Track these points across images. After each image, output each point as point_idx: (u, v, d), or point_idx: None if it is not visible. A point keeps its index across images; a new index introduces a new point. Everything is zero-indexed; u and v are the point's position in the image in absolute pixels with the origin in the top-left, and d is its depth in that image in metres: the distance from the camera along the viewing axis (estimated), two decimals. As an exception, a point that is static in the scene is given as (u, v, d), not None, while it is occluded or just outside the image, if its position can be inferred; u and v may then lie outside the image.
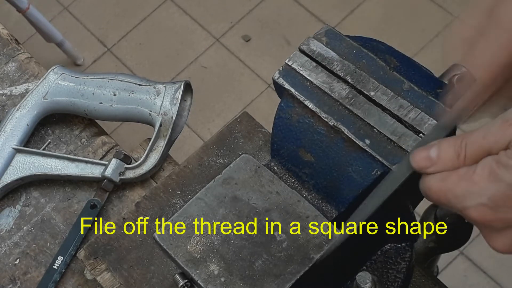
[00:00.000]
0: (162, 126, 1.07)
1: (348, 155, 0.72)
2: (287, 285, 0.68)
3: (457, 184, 0.58)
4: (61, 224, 1.07)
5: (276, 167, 0.77)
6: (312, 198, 0.75)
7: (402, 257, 0.82)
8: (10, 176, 1.08)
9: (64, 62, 2.38)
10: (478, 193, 0.57)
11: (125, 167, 1.06)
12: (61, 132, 1.15)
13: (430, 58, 2.16)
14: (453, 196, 0.59)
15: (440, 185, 0.60)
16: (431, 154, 0.60)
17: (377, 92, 0.73)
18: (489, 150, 0.57)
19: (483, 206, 0.57)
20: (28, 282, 1.03)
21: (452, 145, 0.59)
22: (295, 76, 0.76)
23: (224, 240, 0.71)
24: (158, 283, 0.95)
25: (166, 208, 1.01)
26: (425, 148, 0.61)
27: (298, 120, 0.75)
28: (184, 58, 2.39)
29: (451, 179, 0.59)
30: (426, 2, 2.33)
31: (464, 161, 0.59)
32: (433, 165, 0.60)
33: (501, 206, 0.56)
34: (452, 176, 0.59)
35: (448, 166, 0.59)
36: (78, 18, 2.55)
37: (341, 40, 0.77)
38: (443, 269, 1.88)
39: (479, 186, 0.57)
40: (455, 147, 0.59)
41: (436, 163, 0.60)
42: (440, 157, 0.60)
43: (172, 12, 2.49)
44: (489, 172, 0.57)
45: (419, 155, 0.61)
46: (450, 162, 0.59)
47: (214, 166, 1.02)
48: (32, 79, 1.20)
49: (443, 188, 0.59)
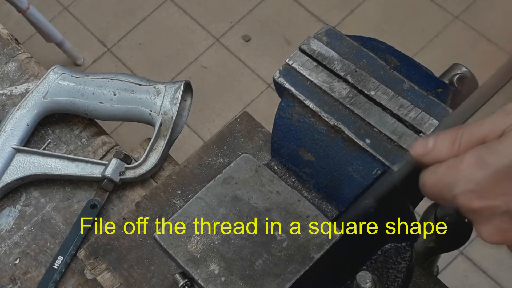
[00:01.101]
0: (162, 126, 1.07)
1: (348, 155, 0.72)
2: (287, 284, 0.68)
3: (446, 173, 0.59)
4: (61, 224, 1.07)
5: (277, 166, 0.77)
6: (313, 198, 0.75)
7: (402, 257, 0.82)
8: (10, 176, 1.08)
9: (64, 62, 2.38)
10: (465, 180, 0.57)
11: (125, 167, 1.06)
12: (61, 132, 1.15)
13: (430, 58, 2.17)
14: (443, 186, 0.59)
15: (432, 177, 0.60)
16: (429, 142, 0.61)
17: (378, 91, 0.73)
18: (484, 138, 0.58)
19: (471, 192, 0.57)
20: (28, 282, 1.03)
21: (449, 134, 0.60)
22: (295, 75, 0.76)
23: (224, 240, 0.71)
24: (158, 282, 0.95)
25: (166, 208, 1.01)
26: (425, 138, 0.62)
27: (298, 119, 0.75)
28: (184, 58, 2.39)
29: (441, 169, 0.59)
30: (426, 2, 2.33)
31: (458, 150, 0.59)
32: (429, 152, 0.60)
33: (488, 192, 0.56)
34: (442, 166, 0.59)
35: (443, 154, 0.59)
36: (78, 18, 2.54)
37: (341, 40, 0.77)
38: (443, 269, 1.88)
39: (466, 173, 0.57)
40: (451, 136, 0.60)
41: (432, 150, 0.60)
42: (436, 145, 0.60)
43: (172, 12, 2.49)
44: (477, 158, 0.56)
45: (418, 143, 0.62)
46: (445, 150, 0.59)
47: (214, 166, 1.02)
48: (32, 79, 1.20)
49: (434, 180, 0.60)
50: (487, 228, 0.58)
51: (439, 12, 2.30)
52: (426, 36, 2.26)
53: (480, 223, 0.59)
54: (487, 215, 0.58)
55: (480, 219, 0.58)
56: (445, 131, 0.61)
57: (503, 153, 0.55)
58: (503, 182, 0.56)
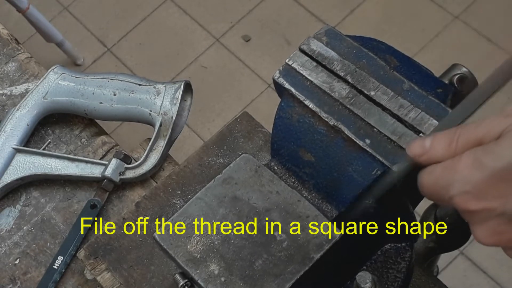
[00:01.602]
0: (162, 126, 1.07)
1: (348, 155, 0.72)
2: (287, 284, 0.68)
3: (442, 174, 0.58)
4: (61, 224, 1.07)
5: (276, 166, 0.77)
6: (312, 198, 0.75)
7: (402, 257, 0.82)
8: (10, 176, 1.08)
9: (64, 62, 2.38)
10: (462, 181, 0.57)
11: (125, 167, 1.06)
12: (61, 132, 1.15)
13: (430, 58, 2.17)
14: (440, 187, 0.59)
15: (429, 177, 0.60)
16: (426, 142, 0.61)
17: (377, 91, 0.73)
18: (481, 140, 0.57)
19: (467, 193, 0.57)
20: (28, 282, 1.03)
21: (446, 135, 0.60)
22: (295, 75, 0.76)
23: (224, 240, 0.71)
24: (158, 283, 0.95)
25: (166, 208, 1.01)
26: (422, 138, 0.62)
27: (298, 119, 0.75)
28: (184, 58, 2.39)
29: (437, 170, 0.59)
30: (426, 2, 2.33)
31: (455, 150, 0.58)
32: (426, 153, 0.60)
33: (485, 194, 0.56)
34: (439, 167, 0.59)
35: (440, 154, 0.59)
36: (78, 18, 2.54)
37: (341, 40, 0.77)
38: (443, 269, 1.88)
39: (462, 174, 0.57)
40: (448, 137, 0.59)
41: (429, 151, 0.60)
42: (432, 145, 0.60)
43: (172, 12, 2.49)
44: (474, 159, 0.56)
45: (415, 143, 0.62)
46: (441, 150, 0.59)
47: (214, 166, 1.02)
48: (32, 79, 1.20)
49: (431, 180, 0.59)
50: (482, 230, 0.58)
51: (439, 12, 2.30)
52: (426, 36, 2.26)
53: (476, 225, 0.58)
54: (483, 217, 0.57)
55: (476, 221, 0.58)
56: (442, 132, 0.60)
57: (499, 155, 0.55)
58: (499, 184, 0.55)
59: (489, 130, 0.57)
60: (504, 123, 0.56)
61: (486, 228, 0.58)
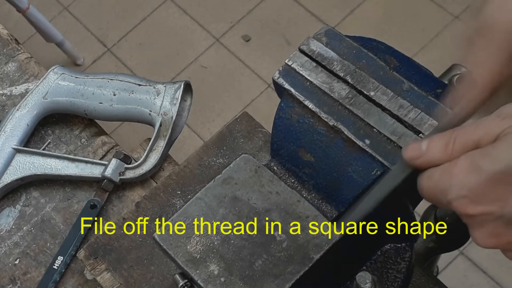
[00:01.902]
0: (162, 126, 1.07)
1: (348, 155, 0.72)
2: (287, 285, 0.68)
3: (440, 178, 0.58)
4: (61, 224, 1.07)
5: (276, 167, 0.77)
6: (312, 198, 0.75)
7: (402, 257, 0.82)
8: (10, 176, 1.08)
9: (64, 62, 2.38)
10: (458, 185, 0.57)
11: (125, 167, 1.06)
12: (61, 132, 1.15)
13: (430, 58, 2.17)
14: (439, 191, 0.58)
15: (428, 182, 0.60)
16: (422, 145, 0.60)
17: (377, 92, 0.73)
18: (477, 142, 0.57)
19: (464, 198, 0.56)
20: (28, 282, 1.03)
21: (443, 137, 0.59)
22: (295, 76, 0.76)
23: (224, 240, 0.71)
24: (158, 283, 0.95)
25: (166, 208, 1.01)
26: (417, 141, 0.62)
27: (298, 120, 0.75)
28: (184, 58, 2.39)
29: (435, 174, 0.59)
30: (426, 2, 2.33)
31: (451, 153, 0.58)
32: (422, 156, 0.60)
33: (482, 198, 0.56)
34: (436, 171, 0.59)
35: (436, 158, 0.59)
36: (78, 18, 2.54)
37: (341, 40, 0.77)
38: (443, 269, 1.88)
39: (459, 178, 0.56)
40: (445, 139, 0.59)
41: (425, 154, 0.60)
42: (429, 148, 0.60)
43: (172, 12, 2.49)
44: (470, 163, 0.56)
45: (411, 146, 0.61)
46: (438, 153, 0.59)
47: (214, 166, 1.02)
48: (32, 79, 1.20)
49: (430, 185, 0.59)
50: (481, 233, 0.58)
51: (439, 12, 2.30)
52: (426, 36, 2.26)
53: (474, 228, 0.58)
54: (481, 220, 0.57)
55: (474, 224, 0.58)
56: (439, 134, 0.60)
57: (496, 158, 0.54)
58: (496, 188, 0.55)
59: (486, 132, 0.56)
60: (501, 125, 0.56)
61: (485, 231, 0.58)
